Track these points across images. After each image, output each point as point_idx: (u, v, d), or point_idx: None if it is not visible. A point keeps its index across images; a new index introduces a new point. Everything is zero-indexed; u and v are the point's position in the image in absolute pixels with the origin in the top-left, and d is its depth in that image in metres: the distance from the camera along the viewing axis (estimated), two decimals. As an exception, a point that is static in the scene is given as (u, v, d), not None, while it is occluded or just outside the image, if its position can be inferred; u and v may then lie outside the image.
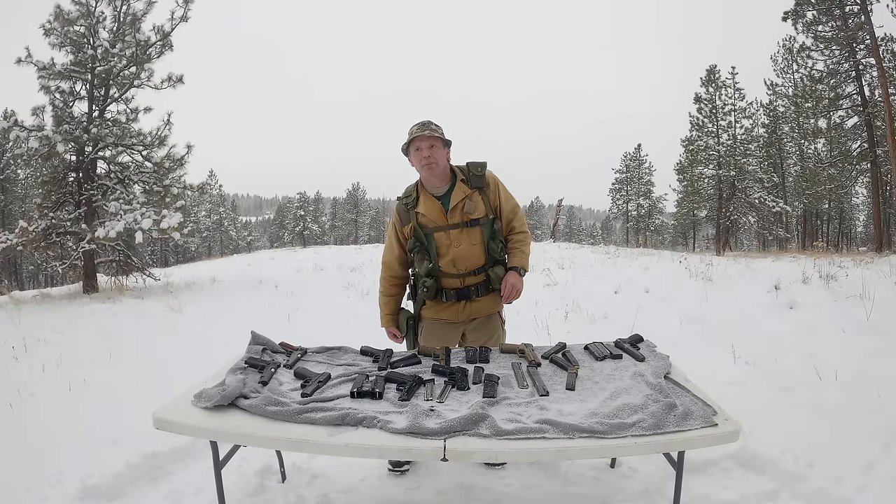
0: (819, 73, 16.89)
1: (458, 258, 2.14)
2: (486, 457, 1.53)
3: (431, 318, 2.26)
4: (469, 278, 2.17)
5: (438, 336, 2.24)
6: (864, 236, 31.37)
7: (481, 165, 2.18)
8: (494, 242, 2.16)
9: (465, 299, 2.20)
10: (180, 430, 1.65)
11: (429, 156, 2.07)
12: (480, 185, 2.16)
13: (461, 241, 2.14)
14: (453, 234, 2.14)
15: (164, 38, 9.02)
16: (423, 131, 2.07)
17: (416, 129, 2.08)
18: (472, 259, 2.16)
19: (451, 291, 2.18)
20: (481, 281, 2.19)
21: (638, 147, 35.57)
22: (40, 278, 27.44)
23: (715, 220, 21.04)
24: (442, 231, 2.14)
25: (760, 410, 2.58)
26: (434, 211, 2.14)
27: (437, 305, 2.23)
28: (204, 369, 2.10)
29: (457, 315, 2.22)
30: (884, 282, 4.66)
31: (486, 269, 2.18)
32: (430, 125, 2.10)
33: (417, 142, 2.07)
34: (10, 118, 8.18)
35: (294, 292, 7.22)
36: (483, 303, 2.22)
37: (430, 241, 2.16)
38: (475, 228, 2.14)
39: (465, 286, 2.18)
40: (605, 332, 3.95)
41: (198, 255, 38.27)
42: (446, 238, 2.14)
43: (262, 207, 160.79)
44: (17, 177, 27.96)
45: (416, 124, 2.12)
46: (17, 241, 8.14)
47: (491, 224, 2.16)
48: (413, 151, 2.10)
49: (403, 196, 2.23)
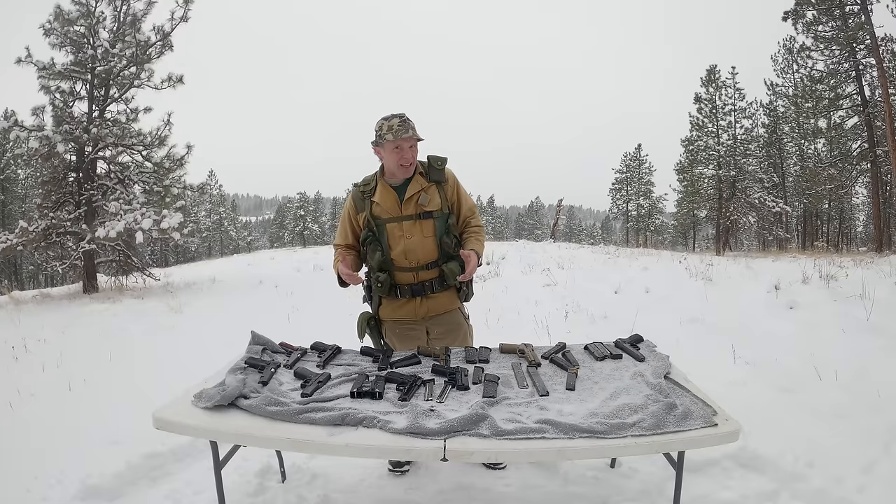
0: (819, 73, 16.91)
1: (409, 250, 2.12)
2: (486, 457, 1.53)
3: (391, 319, 2.23)
4: (422, 272, 2.15)
5: (403, 337, 2.22)
6: (864, 236, 31.34)
7: (442, 160, 2.17)
8: (448, 237, 2.15)
9: (420, 296, 2.17)
10: (180, 431, 1.65)
11: (410, 157, 2.07)
12: (439, 180, 2.15)
13: (413, 233, 2.11)
14: (406, 225, 2.11)
15: (165, 39, 9.03)
16: (408, 132, 2.04)
17: (399, 127, 2.04)
18: (423, 252, 2.14)
19: (406, 287, 2.16)
20: (435, 276, 2.17)
21: (638, 147, 35.60)
22: (40, 278, 27.42)
23: (715, 220, 21.06)
24: (395, 222, 2.12)
25: (760, 410, 2.59)
26: (389, 201, 2.12)
27: (393, 303, 2.20)
28: (204, 369, 2.10)
29: (414, 313, 2.19)
30: (884, 282, 4.66)
31: (440, 264, 2.16)
32: (410, 123, 2.06)
33: (402, 142, 2.04)
34: (10, 118, 8.19)
35: (294, 292, 7.22)
36: (440, 300, 2.20)
37: (382, 232, 2.14)
38: (428, 221, 2.12)
39: (420, 281, 2.15)
40: (605, 332, 3.96)
41: (198, 255, 38.26)
42: (398, 229, 2.12)
43: (262, 207, 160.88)
44: (17, 177, 28.00)
45: (394, 119, 2.05)
46: (17, 241, 8.14)
47: (445, 219, 2.15)
48: (391, 148, 2.05)
49: (361, 184, 2.19)
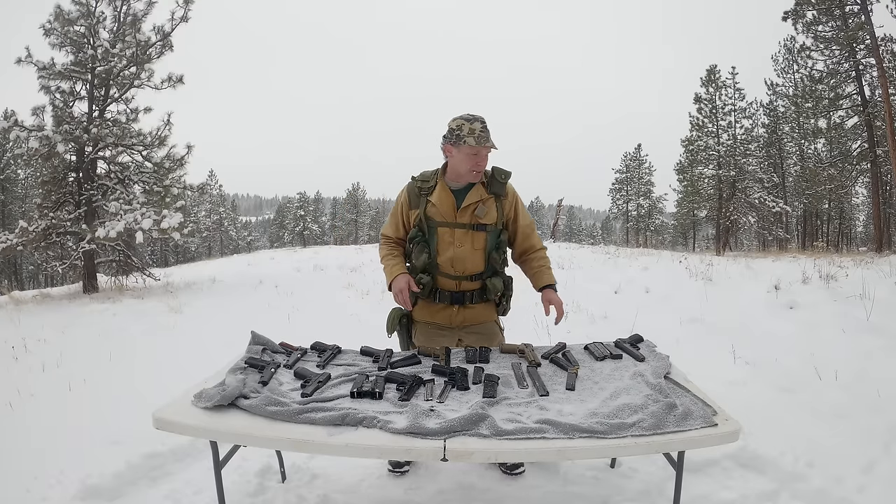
0: (819, 73, 16.91)
1: (456, 258, 2.08)
2: (486, 457, 1.53)
3: (425, 322, 2.20)
4: (465, 283, 2.11)
5: (433, 341, 2.19)
6: (864, 236, 31.34)
7: (506, 174, 2.11)
8: (497, 253, 2.11)
9: (459, 304, 2.13)
10: (180, 431, 1.64)
11: (484, 165, 2.03)
12: (499, 193, 2.09)
13: (464, 243, 2.07)
14: (458, 233, 2.07)
15: (165, 39, 9.03)
16: (489, 141, 1.98)
17: (482, 135, 1.97)
18: (470, 263, 2.10)
19: (446, 293, 2.12)
20: (477, 288, 2.13)
21: (638, 147, 35.62)
22: (40, 278, 27.42)
23: (715, 220, 21.06)
24: (447, 227, 2.07)
25: (760, 410, 2.59)
26: (446, 205, 2.06)
27: (430, 307, 2.17)
28: (204, 369, 2.10)
29: (450, 320, 2.16)
30: (884, 282, 4.66)
31: (484, 278, 2.13)
32: (489, 136, 1.99)
33: (482, 149, 1.98)
34: (10, 118, 8.18)
35: (294, 292, 7.22)
36: (477, 311, 2.17)
37: (433, 234, 2.09)
38: (481, 233, 2.07)
39: (461, 290, 2.11)
40: (605, 332, 3.96)
41: (198, 255, 38.27)
42: (450, 235, 2.07)
43: (262, 207, 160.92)
44: (17, 177, 28.01)
45: (478, 125, 1.98)
46: (17, 241, 8.14)
47: (498, 234, 2.10)
48: (469, 153, 1.98)
49: (419, 179, 2.12)
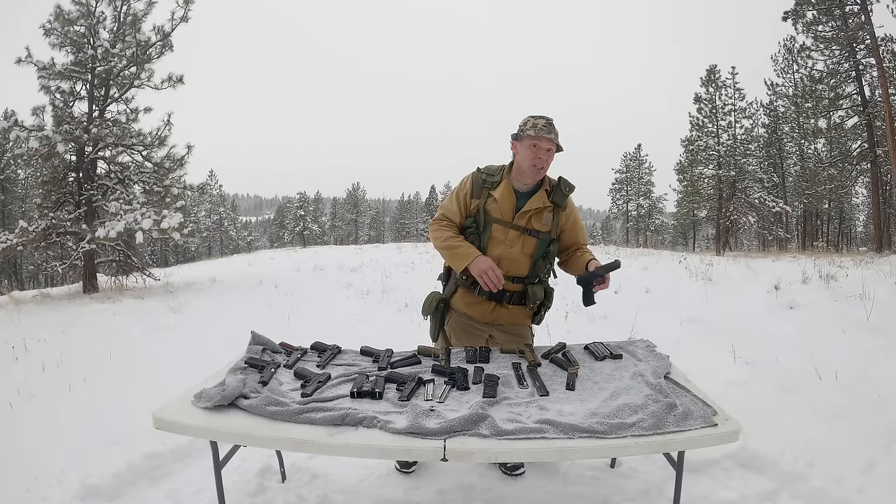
0: (819, 73, 16.92)
1: (504, 258, 2.08)
2: (486, 457, 1.53)
3: (460, 311, 2.21)
4: (508, 283, 2.12)
5: (465, 331, 2.20)
6: (864, 236, 31.37)
7: (571, 187, 2.14)
8: (544, 262, 2.13)
9: (496, 301, 2.14)
10: (180, 430, 1.64)
11: (545, 158, 2.04)
12: (559, 203, 2.11)
13: (514, 244, 2.08)
14: (511, 234, 2.08)
15: (165, 39, 9.03)
16: (550, 133, 2.00)
17: (543, 127, 2.01)
18: (517, 265, 2.10)
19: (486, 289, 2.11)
20: (518, 291, 2.14)
21: (638, 147, 35.62)
22: (40, 278, 27.41)
23: (715, 220, 21.06)
24: (502, 226, 2.08)
25: (760, 410, 2.59)
26: (507, 203, 2.08)
27: (467, 297, 2.17)
28: (204, 369, 2.09)
29: (484, 315, 2.18)
30: (884, 282, 4.66)
31: (526, 283, 2.14)
32: (554, 127, 2.03)
33: (541, 140, 2.00)
34: (10, 118, 8.18)
35: (294, 292, 7.23)
36: (512, 312, 2.18)
37: (487, 229, 2.09)
38: (533, 239, 2.09)
39: (502, 290, 2.10)
40: (605, 332, 3.96)
41: (198, 255, 38.27)
42: (503, 234, 2.08)
43: (262, 207, 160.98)
44: (17, 177, 28.02)
45: (541, 118, 2.03)
46: (17, 241, 8.14)
47: (548, 242, 2.12)
48: (529, 144, 2.01)
49: (485, 172, 2.14)
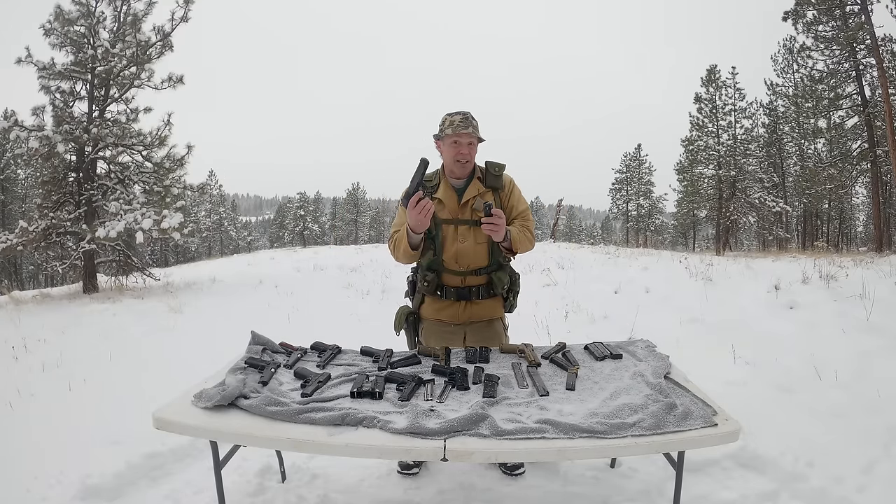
0: (819, 73, 16.92)
1: (460, 254, 2.11)
2: (486, 457, 1.53)
3: (431, 319, 2.23)
4: (470, 277, 2.14)
5: (439, 338, 2.21)
6: (864, 236, 31.35)
7: (500, 166, 2.17)
8: (499, 246, 2.13)
9: (465, 300, 2.16)
10: (180, 430, 1.64)
11: (467, 153, 2.06)
12: (496, 186, 2.14)
13: (466, 238, 2.11)
14: (461, 229, 2.11)
15: (165, 39, 9.02)
16: (467, 128, 2.03)
17: (460, 123, 2.03)
18: (474, 258, 2.13)
19: (452, 290, 2.15)
20: (483, 283, 2.16)
21: (638, 147, 35.61)
22: (40, 278, 27.39)
23: (715, 220, 21.06)
24: (451, 224, 2.12)
25: (760, 410, 2.59)
26: (450, 201, 2.12)
27: (437, 304, 2.19)
28: (204, 369, 2.10)
29: (457, 316, 2.18)
30: (884, 282, 4.66)
31: (490, 272, 2.16)
32: (472, 121, 2.06)
33: (460, 136, 2.04)
34: (10, 118, 8.17)
35: (294, 292, 7.22)
36: (484, 306, 2.19)
37: (439, 231, 2.13)
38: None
39: (467, 286, 2.15)
40: (605, 332, 3.97)
41: (198, 255, 38.27)
42: (453, 232, 2.11)
43: (262, 207, 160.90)
44: (17, 177, 28.02)
45: (457, 115, 2.06)
46: (17, 241, 8.14)
47: None
48: (450, 142, 2.06)
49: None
